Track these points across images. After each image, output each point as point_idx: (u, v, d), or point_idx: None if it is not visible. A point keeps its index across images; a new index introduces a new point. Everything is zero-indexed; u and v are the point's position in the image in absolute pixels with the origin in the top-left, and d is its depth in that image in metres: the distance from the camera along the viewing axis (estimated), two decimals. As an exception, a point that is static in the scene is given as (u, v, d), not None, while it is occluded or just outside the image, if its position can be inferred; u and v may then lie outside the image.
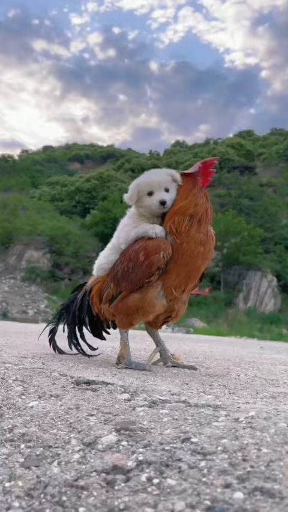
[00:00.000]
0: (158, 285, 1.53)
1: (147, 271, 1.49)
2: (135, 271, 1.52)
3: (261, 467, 0.59)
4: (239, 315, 23.99)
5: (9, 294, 24.33)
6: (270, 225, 33.35)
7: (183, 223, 1.51)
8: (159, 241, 1.51)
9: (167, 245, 1.49)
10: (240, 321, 22.12)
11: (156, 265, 1.48)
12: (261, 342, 8.92)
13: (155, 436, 0.73)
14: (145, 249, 1.51)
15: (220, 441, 0.68)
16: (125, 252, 1.62)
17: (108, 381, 1.17)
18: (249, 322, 21.79)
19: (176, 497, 0.56)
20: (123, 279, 1.56)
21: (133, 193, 1.60)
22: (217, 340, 6.72)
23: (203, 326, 19.01)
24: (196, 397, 1.00)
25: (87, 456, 0.69)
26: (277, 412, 0.84)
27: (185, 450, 0.67)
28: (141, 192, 1.59)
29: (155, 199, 1.55)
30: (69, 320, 1.81)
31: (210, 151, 46.06)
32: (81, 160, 65.52)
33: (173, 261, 1.49)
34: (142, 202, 1.60)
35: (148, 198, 1.58)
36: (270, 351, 4.02)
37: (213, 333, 14.39)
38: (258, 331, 18.79)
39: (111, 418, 0.83)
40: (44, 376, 1.23)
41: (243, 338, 11.53)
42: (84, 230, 31.87)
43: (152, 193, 1.57)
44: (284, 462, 0.60)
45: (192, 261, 1.52)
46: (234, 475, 0.58)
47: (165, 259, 1.48)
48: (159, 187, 1.57)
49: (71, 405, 0.92)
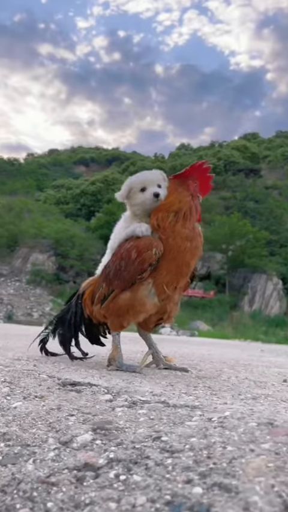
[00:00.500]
0: (149, 282, 1.55)
1: (139, 268, 1.53)
2: (127, 269, 1.55)
3: (223, 464, 0.62)
4: (244, 318, 23.94)
5: (14, 297, 24.46)
6: (276, 228, 33.25)
7: (168, 219, 1.55)
8: (151, 239, 1.55)
9: (158, 242, 1.53)
10: (245, 324, 22.07)
11: (148, 261, 1.52)
12: (264, 345, 8.91)
13: (129, 435, 0.76)
14: (137, 247, 1.55)
15: (189, 440, 0.71)
16: (116, 251, 1.66)
17: (94, 382, 1.20)
18: (255, 325, 21.73)
19: (139, 492, 0.58)
20: (116, 278, 1.60)
21: (124, 191, 1.64)
22: (219, 343, 6.73)
23: (207, 329, 19.00)
24: (176, 398, 1.02)
25: (61, 454, 0.72)
26: (252, 412, 0.86)
27: (154, 448, 0.69)
28: (134, 189, 1.63)
29: (148, 194, 1.59)
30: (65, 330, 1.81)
31: (215, 154, 46.08)
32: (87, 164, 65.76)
33: (161, 257, 1.53)
34: (135, 200, 1.63)
35: (141, 194, 1.61)
36: (269, 354, 4.02)
37: (218, 336, 14.38)
38: (264, 334, 18.74)
39: (90, 418, 0.86)
40: (32, 378, 1.26)
41: (247, 341, 11.51)
42: (89, 233, 31.98)
43: (144, 189, 1.61)
44: (246, 459, 0.62)
45: (180, 256, 1.55)
46: (197, 472, 0.61)
47: (157, 256, 1.52)
48: (152, 183, 1.61)
49: (53, 406, 0.94)
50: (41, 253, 29.12)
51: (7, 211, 32.25)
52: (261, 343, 10.68)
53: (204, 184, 1.68)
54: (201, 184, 1.67)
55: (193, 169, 1.67)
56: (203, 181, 1.67)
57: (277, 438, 0.69)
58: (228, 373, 1.80)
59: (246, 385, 1.42)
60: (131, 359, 2.07)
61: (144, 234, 1.57)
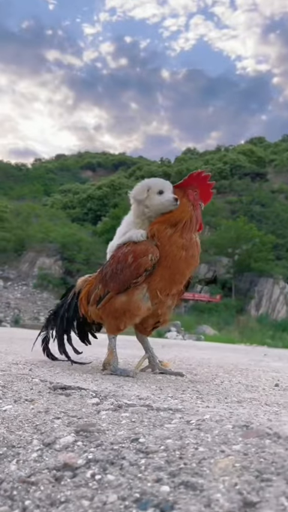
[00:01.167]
0: (144, 287, 1.60)
1: (135, 272, 1.57)
2: (123, 273, 1.60)
3: (193, 464, 0.65)
4: (251, 322, 23.84)
5: (21, 301, 24.58)
6: (282, 232, 33.12)
7: (165, 231, 1.59)
8: (148, 245, 1.59)
9: (155, 249, 1.58)
10: (251, 328, 21.97)
11: (144, 266, 1.56)
12: (269, 349, 8.87)
13: (109, 436, 0.79)
14: (134, 251, 1.59)
15: (165, 441, 0.74)
16: (114, 254, 1.70)
17: (84, 386, 1.23)
18: (261, 330, 21.63)
19: (111, 491, 0.62)
20: (111, 280, 1.64)
21: (143, 190, 1.67)
22: (223, 348, 6.72)
23: (214, 333, 18.94)
24: (161, 402, 1.05)
25: (43, 455, 0.75)
26: (230, 415, 0.88)
27: (131, 449, 0.72)
28: (152, 190, 1.66)
29: (167, 196, 1.64)
30: (57, 325, 1.85)
31: (222, 158, 46.08)
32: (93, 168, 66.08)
33: (157, 264, 1.57)
34: (152, 200, 1.66)
35: (158, 196, 1.65)
36: (271, 358, 4.02)
37: (224, 340, 14.33)
38: (270, 338, 18.63)
39: (75, 421, 0.89)
40: (25, 382, 1.29)
41: (253, 345, 11.47)
42: (96, 237, 32.11)
43: (162, 192, 1.65)
44: (215, 459, 0.65)
45: (174, 264, 1.59)
46: (167, 471, 0.64)
47: (152, 262, 1.56)
48: (169, 188, 1.67)
49: (41, 409, 0.98)
50: (47, 258, 29.28)
51: (15, 216, 32.51)
52: (267, 348, 10.63)
53: (205, 192, 1.72)
54: (202, 192, 1.71)
55: (191, 179, 1.71)
56: (203, 189, 1.72)
57: (248, 440, 0.72)
58: (222, 378, 1.82)
59: (236, 389, 1.44)
60: (129, 363, 2.10)
61: (140, 240, 1.62)
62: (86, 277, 1.90)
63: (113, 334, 1.70)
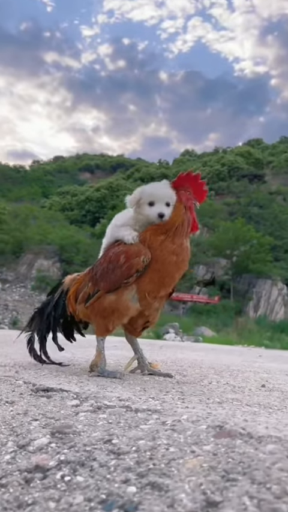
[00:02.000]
0: (133, 288, 1.61)
1: (126, 273, 1.58)
2: (114, 272, 1.60)
3: (162, 465, 0.65)
4: (249, 324, 23.83)
5: (19, 303, 24.54)
6: (280, 233, 33.16)
7: (157, 235, 1.61)
8: (140, 247, 1.60)
9: (147, 251, 1.59)
10: (250, 329, 21.95)
11: (136, 267, 1.57)
12: (266, 350, 8.87)
13: (83, 438, 0.79)
14: (126, 252, 1.60)
15: (137, 442, 0.74)
16: (105, 254, 1.71)
17: (66, 388, 1.23)
18: (259, 331, 21.62)
19: (79, 492, 0.61)
20: (102, 279, 1.64)
21: (134, 199, 1.67)
22: (219, 349, 6.71)
23: (212, 335, 18.91)
24: (141, 403, 1.05)
25: (17, 457, 0.75)
26: (208, 416, 0.88)
27: (103, 451, 0.72)
28: (143, 200, 1.66)
29: (153, 211, 1.63)
30: (43, 323, 1.83)
31: (220, 160, 46.14)
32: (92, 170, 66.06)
33: (147, 266, 1.57)
34: (142, 210, 1.67)
35: (148, 207, 1.65)
36: (266, 359, 4.02)
37: (222, 341, 14.30)
38: (268, 339, 18.62)
39: (52, 423, 0.89)
40: (8, 384, 1.29)
41: (250, 347, 11.45)
42: (94, 239, 32.08)
43: (153, 203, 1.64)
44: (184, 460, 0.65)
45: (164, 267, 1.60)
46: (136, 472, 0.64)
47: (144, 263, 1.57)
48: (161, 200, 1.64)
49: (20, 411, 0.98)
50: (46, 260, 29.26)
51: (13, 217, 32.48)
52: (265, 349, 10.62)
53: (198, 191, 1.72)
54: (195, 191, 1.71)
55: (181, 180, 1.71)
56: (196, 188, 1.71)
57: (219, 440, 0.72)
58: (211, 379, 1.82)
59: (221, 390, 1.44)
60: (120, 364, 2.10)
61: (131, 242, 1.62)
62: (75, 275, 1.90)
63: (101, 335, 1.70)
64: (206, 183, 1.73)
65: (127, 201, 1.70)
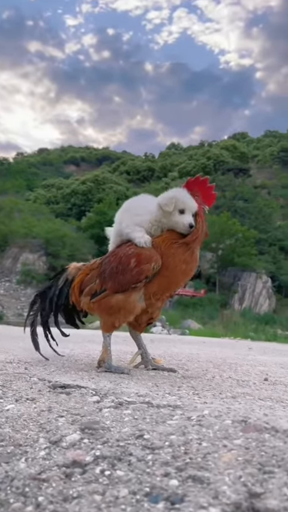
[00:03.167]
0: (141, 289, 1.63)
1: (135, 278, 1.60)
2: (123, 275, 1.62)
3: (198, 459, 0.68)
4: (234, 316, 24.13)
5: (4, 297, 24.36)
6: (265, 227, 33.55)
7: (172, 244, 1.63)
8: (152, 252, 1.61)
9: (158, 257, 1.60)
10: (235, 322, 22.24)
11: (146, 274, 1.59)
12: (253, 343, 9.03)
13: (114, 434, 0.82)
14: (138, 256, 1.61)
15: (169, 437, 0.77)
16: (116, 252, 1.71)
17: (82, 384, 1.26)
18: (245, 323, 21.91)
19: (122, 485, 0.65)
20: (110, 279, 1.66)
21: (171, 203, 1.63)
22: (209, 342, 6.80)
23: (198, 327, 19.10)
24: (160, 398, 1.09)
25: (51, 453, 0.78)
26: (228, 411, 0.92)
27: (137, 446, 0.76)
28: (176, 205, 1.63)
29: (185, 220, 1.62)
30: (45, 307, 1.84)
31: (205, 154, 46.27)
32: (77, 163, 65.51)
33: (157, 272, 1.60)
34: (171, 216, 1.64)
35: (178, 215, 1.63)
36: (257, 352, 4.11)
37: (209, 334, 14.46)
38: (253, 332, 18.90)
39: (78, 419, 0.92)
40: (24, 381, 1.31)
41: (237, 339, 11.62)
42: (80, 232, 31.94)
43: (183, 211, 1.63)
44: (219, 454, 0.69)
45: (173, 275, 1.65)
46: (174, 466, 0.67)
47: (154, 270, 1.59)
48: (191, 209, 1.64)
49: (44, 408, 1.00)
50: (31, 253, 29.04)
51: (-3, 211, 32.10)
52: (251, 341, 10.79)
53: (207, 195, 1.74)
54: (204, 195, 1.73)
55: (190, 184, 1.73)
56: (204, 192, 1.73)
57: (248, 434, 0.76)
58: (213, 373, 1.87)
59: (228, 384, 1.49)
60: (121, 359, 2.13)
61: (143, 246, 1.63)
62: (80, 264, 1.90)
63: (108, 332, 1.72)
64: (214, 187, 1.76)
65: (163, 206, 1.65)
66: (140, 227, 1.67)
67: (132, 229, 1.67)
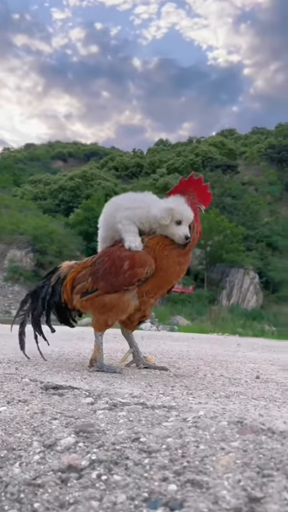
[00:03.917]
0: (134, 288, 1.62)
1: (128, 280, 1.59)
2: (116, 277, 1.61)
3: (196, 462, 0.68)
4: (223, 312, 24.27)
5: (-9, 294, 24.09)
6: (252, 223, 33.79)
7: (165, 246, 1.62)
8: (146, 256, 1.60)
9: (152, 261, 1.59)
10: (223, 317, 22.39)
11: (139, 277, 1.58)
12: (241, 338, 9.09)
13: (109, 437, 0.81)
14: (131, 259, 1.59)
15: (165, 440, 0.76)
16: (110, 252, 1.68)
17: (75, 385, 1.24)
18: (232, 319, 22.07)
19: (120, 491, 0.64)
20: (102, 279, 1.64)
21: (167, 216, 1.60)
22: (198, 338, 6.83)
23: (187, 324, 19.17)
24: (154, 399, 1.08)
25: (46, 457, 0.76)
26: (224, 411, 0.92)
27: (133, 449, 0.75)
28: (173, 217, 1.61)
29: (182, 232, 1.60)
30: (37, 306, 1.82)
31: (193, 150, 46.31)
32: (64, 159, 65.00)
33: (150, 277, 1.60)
34: (168, 227, 1.63)
35: (175, 226, 1.61)
36: (245, 349, 4.13)
37: (197, 330, 14.52)
38: (241, 327, 19.05)
39: (73, 422, 0.90)
40: (15, 382, 1.29)
41: (225, 335, 11.70)
42: (68, 229, 31.74)
43: (180, 223, 1.62)
44: (216, 457, 0.68)
45: (166, 275, 1.65)
46: (172, 470, 0.66)
47: (147, 274, 1.59)
48: (187, 221, 1.63)
49: (36, 410, 0.99)
50: (18, 250, 28.77)
51: (-17, 207, 31.71)
52: (239, 337, 10.87)
53: (203, 195, 1.72)
54: (200, 195, 1.71)
55: (183, 184, 1.71)
56: (200, 192, 1.71)
57: (245, 436, 0.75)
58: (204, 371, 1.87)
59: (221, 383, 1.49)
60: (112, 358, 2.12)
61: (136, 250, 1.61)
62: (72, 263, 1.88)
63: (100, 330, 1.71)
64: (209, 186, 1.74)
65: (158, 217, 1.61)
66: (132, 225, 1.66)
67: (125, 228, 1.66)
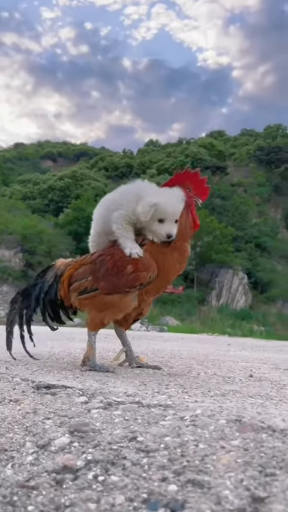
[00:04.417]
0: (136, 291, 1.62)
1: (130, 284, 1.57)
2: (118, 279, 1.58)
3: (196, 462, 0.66)
4: (212, 312, 24.39)
5: (-20, 295, 23.81)
6: (241, 224, 33.99)
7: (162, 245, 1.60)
8: (150, 260, 1.58)
9: (155, 266, 1.58)
10: (212, 318, 22.49)
11: (141, 281, 1.57)
12: (231, 338, 9.12)
13: (105, 436, 0.78)
14: (135, 263, 1.57)
15: (163, 439, 0.74)
16: (111, 252, 1.64)
17: (68, 384, 1.22)
18: (222, 319, 22.20)
19: (118, 492, 0.61)
20: (103, 279, 1.61)
21: (149, 213, 1.56)
22: (188, 338, 6.83)
23: (176, 324, 19.22)
24: (150, 398, 1.06)
25: (40, 458, 0.74)
26: (221, 410, 0.90)
27: (131, 449, 0.72)
28: (155, 215, 1.57)
29: (163, 230, 1.57)
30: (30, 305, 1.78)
31: (183, 151, 46.42)
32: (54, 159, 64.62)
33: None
34: (150, 225, 1.60)
35: (158, 224, 1.58)
36: (236, 348, 4.14)
37: (187, 330, 14.58)
38: (230, 327, 19.16)
39: (67, 421, 0.88)
40: (6, 382, 1.26)
41: (215, 335, 11.74)
42: (58, 229, 31.54)
43: (163, 221, 1.57)
44: (217, 456, 0.66)
45: (167, 275, 1.65)
46: (171, 470, 0.64)
47: (150, 279, 1.58)
48: (172, 218, 1.58)
49: (29, 409, 0.96)
50: (7, 250, 28.50)
51: (-29, 206, 31.38)
52: (228, 337, 10.91)
53: (200, 188, 1.68)
54: (196, 188, 1.68)
55: (180, 177, 1.68)
56: (197, 185, 1.68)
57: (245, 435, 0.74)
58: (197, 370, 1.85)
59: (215, 381, 1.47)
60: (104, 357, 2.10)
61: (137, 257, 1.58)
62: (69, 260, 1.85)
63: (94, 329, 1.69)
64: (206, 179, 1.72)
65: (140, 212, 1.59)
66: (127, 227, 1.62)
67: (121, 232, 1.61)
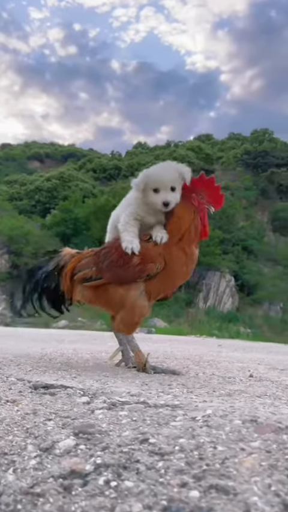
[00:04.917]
0: (141, 285, 1.58)
1: (137, 275, 1.56)
2: (125, 270, 1.56)
3: (217, 465, 0.61)
4: (199, 314, 24.45)
5: None
6: (228, 227, 34.19)
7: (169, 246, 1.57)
8: (157, 253, 1.56)
9: (162, 259, 1.56)
10: (200, 320, 22.53)
11: (148, 272, 1.55)
12: (220, 340, 9.12)
13: (114, 438, 0.73)
14: (143, 255, 1.55)
15: (177, 441, 0.69)
16: (116, 245, 1.61)
17: (67, 384, 1.16)
18: (209, 321, 22.24)
19: (134, 499, 0.56)
20: (109, 270, 1.60)
21: (141, 183, 1.58)
22: (178, 340, 6.80)
23: (164, 326, 19.18)
24: (155, 398, 1.01)
25: (44, 462, 0.68)
26: (233, 410, 0.86)
27: (143, 451, 0.67)
28: (148, 186, 1.58)
29: (159, 199, 1.56)
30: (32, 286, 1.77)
31: (171, 154, 46.54)
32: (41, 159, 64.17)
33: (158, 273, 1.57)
34: (148, 197, 1.59)
35: (153, 194, 1.57)
36: (228, 349, 4.11)
37: (175, 332, 14.55)
38: (217, 329, 19.20)
39: (70, 422, 0.82)
40: (0, 382, 1.20)
41: (203, 337, 11.73)
42: (45, 230, 31.30)
43: (157, 190, 1.56)
44: (239, 459, 0.62)
45: (173, 278, 1.63)
46: (191, 474, 0.59)
47: (157, 270, 1.56)
48: (166, 186, 1.56)
49: (28, 410, 0.90)
50: (-7, 251, 28.17)
51: None
52: (216, 339, 10.92)
53: (214, 196, 1.64)
54: (210, 195, 1.64)
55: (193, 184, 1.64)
56: (210, 192, 1.64)
57: (264, 436, 0.69)
58: (195, 370, 1.81)
59: (216, 382, 1.43)
60: (97, 358, 2.04)
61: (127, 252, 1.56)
62: (74, 252, 1.81)
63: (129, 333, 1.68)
64: (220, 187, 1.67)
65: (133, 184, 1.62)
66: (132, 222, 1.59)
67: (126, 228, 1.59)
